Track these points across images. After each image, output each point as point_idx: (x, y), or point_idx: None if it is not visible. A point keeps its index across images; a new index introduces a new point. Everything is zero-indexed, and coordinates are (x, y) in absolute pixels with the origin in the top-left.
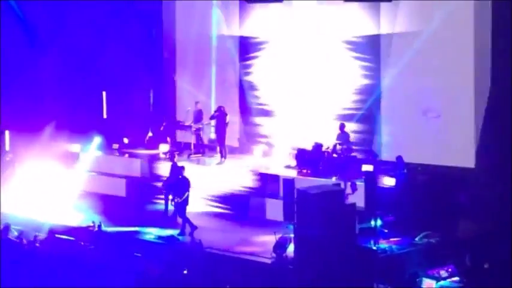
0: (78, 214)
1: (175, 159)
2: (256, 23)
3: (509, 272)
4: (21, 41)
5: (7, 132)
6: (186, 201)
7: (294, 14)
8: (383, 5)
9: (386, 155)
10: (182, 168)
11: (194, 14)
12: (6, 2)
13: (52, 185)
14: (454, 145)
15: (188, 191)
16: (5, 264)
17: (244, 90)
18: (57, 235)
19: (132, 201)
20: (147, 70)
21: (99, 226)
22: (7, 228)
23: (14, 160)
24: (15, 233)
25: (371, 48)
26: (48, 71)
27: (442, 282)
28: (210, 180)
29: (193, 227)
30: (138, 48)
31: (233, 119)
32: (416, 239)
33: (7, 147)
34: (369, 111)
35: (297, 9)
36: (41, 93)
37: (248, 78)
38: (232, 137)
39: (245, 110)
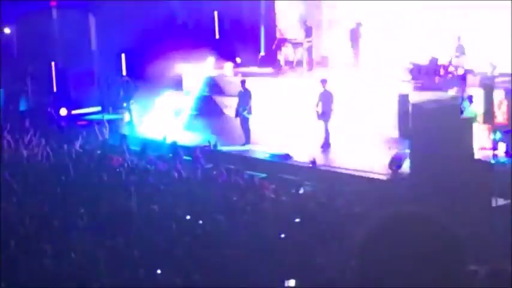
0: (195, 134)
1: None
2: None
3: None
4: None
5: (123, 56)
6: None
7: None
8: None
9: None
10: None
11: None
12: None
13: (168, 107)
14: None
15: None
16: None
17: None
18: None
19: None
20: None
21: (215, 145)
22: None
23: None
24: None
25: None
26: None
27: None
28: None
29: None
30: None
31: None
32: None
33: (124, 71)
34: None
35: None
36: (153, 17)
37: None
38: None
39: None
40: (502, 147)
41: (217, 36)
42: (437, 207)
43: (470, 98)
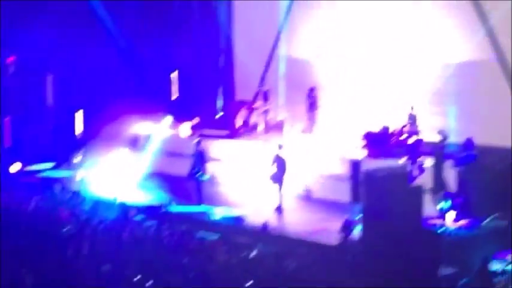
0: (147, 194)
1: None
2: None
3: None
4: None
5: (79, 113)
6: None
7: None
8: None
9: (456, 138)
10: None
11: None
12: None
13: (122, 166)
14: None
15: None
16: None
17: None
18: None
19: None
20: (215, 52)
21: (168, 205)
22: None
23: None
24: None
25: None
26: (116, 54)
27: (510, 267)
28: None
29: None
30: (205, 32)
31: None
32: (485, 222)
33: (80, 128)
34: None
35: None
36: (109, 76)
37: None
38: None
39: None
40: (450, 217)
41: (174, 97)
42: (386, 274)
43: (420, 167)
